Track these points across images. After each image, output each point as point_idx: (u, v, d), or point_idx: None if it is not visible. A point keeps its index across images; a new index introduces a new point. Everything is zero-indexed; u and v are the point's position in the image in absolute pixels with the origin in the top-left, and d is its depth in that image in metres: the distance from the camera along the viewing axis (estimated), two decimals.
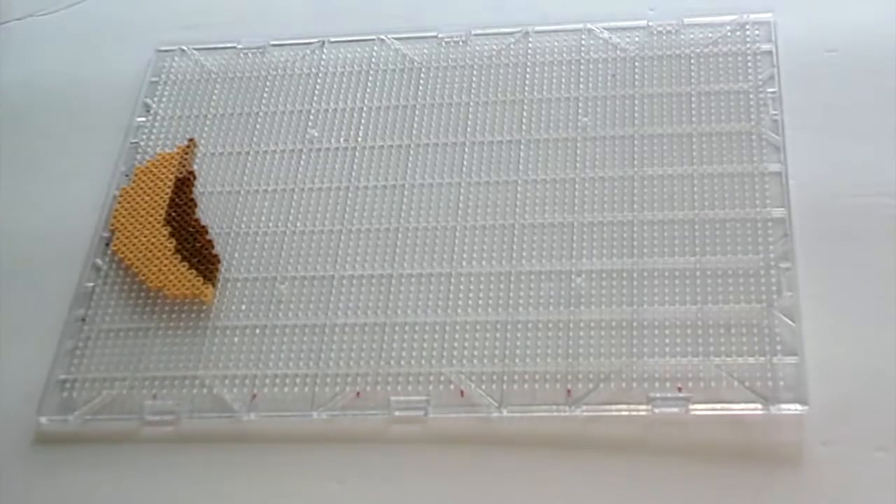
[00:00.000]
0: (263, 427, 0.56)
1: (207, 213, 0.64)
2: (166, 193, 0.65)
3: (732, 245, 0.57)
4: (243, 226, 0.63)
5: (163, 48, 0.72)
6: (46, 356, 0.60)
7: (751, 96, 0.62)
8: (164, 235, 0.63)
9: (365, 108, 0.67)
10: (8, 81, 0.74)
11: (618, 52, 0.66)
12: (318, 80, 0.68)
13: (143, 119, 0.69)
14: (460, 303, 0.58)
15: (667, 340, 0.55)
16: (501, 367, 0.56)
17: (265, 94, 0.68)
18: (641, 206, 0.59)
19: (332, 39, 0.70)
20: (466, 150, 0.64)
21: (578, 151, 0.62)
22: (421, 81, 0.67)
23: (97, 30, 0.76)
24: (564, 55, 0.66)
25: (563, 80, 0.65)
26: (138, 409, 0.57)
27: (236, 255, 0.62)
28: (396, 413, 0.55)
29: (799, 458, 0.51)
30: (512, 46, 0.68)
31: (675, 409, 0.53)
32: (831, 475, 0.50)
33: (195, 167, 0.66)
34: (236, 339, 0.59)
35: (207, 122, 0.68)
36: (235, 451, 0.56)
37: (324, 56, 0.70)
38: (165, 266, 0.61)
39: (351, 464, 0.55)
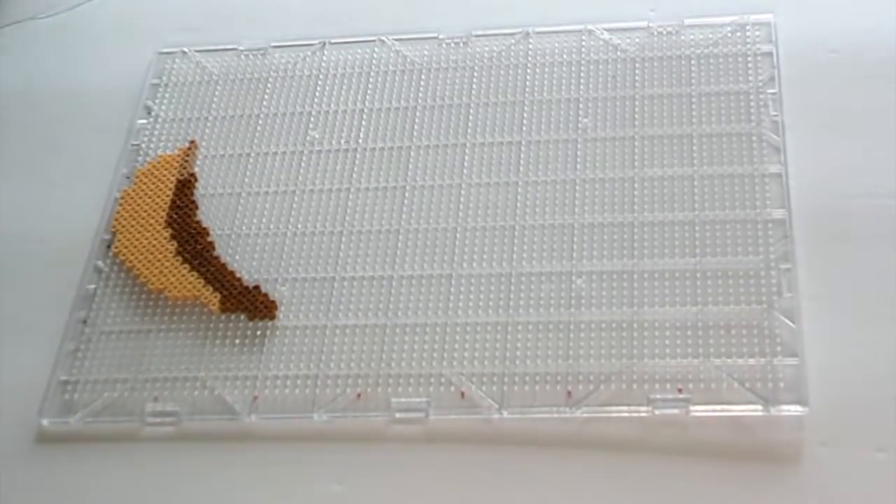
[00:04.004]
0: (265, 428, 0.56)
1: (208, 214, 0.64)
2: (167, 195, 0.65)
3: (733, 246, 0.57)
4: (244, 227, 0.63)
5: (164, 50, 0.72)
6: (48, 358, 0.60)
7: (751, 97, 0.62)
8: (165, 237, 0.63)
9: (365, 110, 0.67)
10: (9, 84, 0.74)
11: (618, 53, 0.66)
12: (319, 82, 0.68)
13: (145, 121, 0.69)
14: (461, 304, 0.58)
15: (667, 342, 0.55)
16: (502, 369, 0.56)
17: (266, 96, 0.69)
18: (642, 207, 0.59)
19: (333, 41, 0.70)
20: (467, 151, 0.64)
21: (579, 153, 0.62)
22: (421, 83, 0.67)
23: (98, 32, 0.76)
24: (565, 56, 0.66)
25: (564, 81, 0.65)
26: (139, 411, 0.58)
27: (237, 257, 0.62)
28: (397, 414, 0.55)
29: (799, 459, 0.51)
30: (512, 48, 0.68)
31: (676, 411, 0.53)
32: (831, 476, 0.50)
33: (196, 169, 0.66)
34: (237, 341, 0.59)
35: (208, 124, 0.68)
36: (237, 453, 0.56)
37: (324, 58, 0.70)
38: (166, 268, 0.62)
39: (352, 465, 0.55)
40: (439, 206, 0.62)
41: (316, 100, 0.68)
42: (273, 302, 0.60)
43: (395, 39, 0.69)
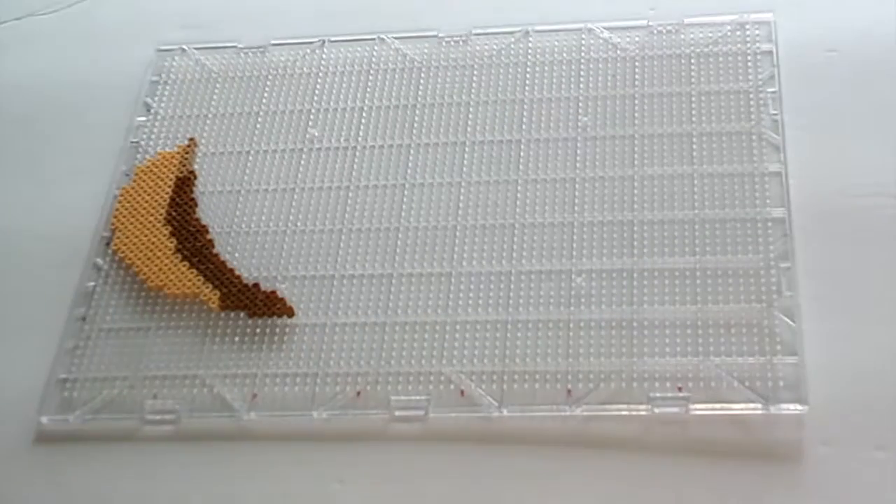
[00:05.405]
0: (264, 426, 0.56)
1: (208, 212, 0.64)
2: (167, 193, 0.65)
3: (732, 245, 0.57)
4: (244, 225, 0.63)
5: (163, 47, 0.72)
6: (47, 355, 0.60)
7: (751, 96, 0.62)
8: (164, 235, 0.63)
9: (365, 108, 0.67)
10: (8, 81, 0.74)
11: (618, 51, 0.66)
12: (319, 80, 0.68)
13: (144, 118, 0.69)
14: (460, 302, 0.58)
15: (667, 340, 0.55)
16: (501, 367, 0.56)
17: (265, 94, 0.68)
18: (641, 205, 0.59)
19: (333, 39, 0.70)
20: (466, 149, 0.64)
21: (578, 151, 0.62)
22: (421, 81, 0.67)
23: (98, 29, 0.76)
24: (564, 55, 0.66)
25: (563, 79, 0.65)
26: (139, 409, 0.58)
27: (237, 254, 0.62)
28: (397, 412, 0.55)
29: (799, 458, 0.51)
30: (512, 46, 0.68)
31: (675, 409, 0.53)
32: (831, 475, 0.50)
33: (195, 166, 0.66)
34: (237, 339, 0.59)
35: (208, 122, 0.68)
36: (236, 451, 0.56)
37: (324, 55, 0.70)
38: (166, 265, 0.61)
39: (351, 463, 0.55)
40: (439, 203, 0.62)
41: (315, 97, 0.68)
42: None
43: (395, 37, 0.69)
